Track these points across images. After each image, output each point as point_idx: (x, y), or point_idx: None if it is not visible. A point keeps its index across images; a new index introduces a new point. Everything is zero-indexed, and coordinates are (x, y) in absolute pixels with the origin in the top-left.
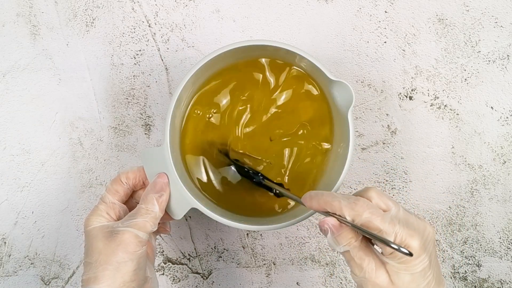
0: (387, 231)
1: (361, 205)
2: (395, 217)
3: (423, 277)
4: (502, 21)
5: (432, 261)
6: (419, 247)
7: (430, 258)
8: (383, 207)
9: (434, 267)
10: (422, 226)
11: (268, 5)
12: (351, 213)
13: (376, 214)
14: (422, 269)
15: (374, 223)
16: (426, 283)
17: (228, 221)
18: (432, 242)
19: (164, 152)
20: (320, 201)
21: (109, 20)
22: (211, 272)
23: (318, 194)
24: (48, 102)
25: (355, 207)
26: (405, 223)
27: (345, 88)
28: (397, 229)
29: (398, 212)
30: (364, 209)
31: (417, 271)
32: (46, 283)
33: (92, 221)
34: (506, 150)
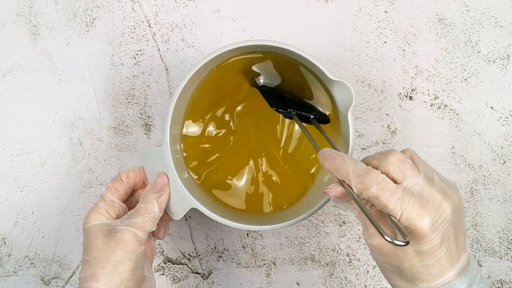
0: (394, 209)
1: (370, 178)
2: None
3: (431, 255)
4: (502, 21)
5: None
6: (428, 227)
7: (443, 236)
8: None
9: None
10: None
11: (268, 5)
12: (359, 186)
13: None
14: (430, 248)
15: (381, 200)
16: (434, 261)
17: (228, 221)
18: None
19: (164, 152)
20: (331, 165)
21: (109, 20)
22: (211, 272)
23: (332, 157)
24: (48, 102)
25: (364, 179)
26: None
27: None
28: (405, 206)
29: (415, 184)
30: (373, 183)
31: (424, 249)
32: (46, 283)
33: (91, 218)
34: (506, 150)
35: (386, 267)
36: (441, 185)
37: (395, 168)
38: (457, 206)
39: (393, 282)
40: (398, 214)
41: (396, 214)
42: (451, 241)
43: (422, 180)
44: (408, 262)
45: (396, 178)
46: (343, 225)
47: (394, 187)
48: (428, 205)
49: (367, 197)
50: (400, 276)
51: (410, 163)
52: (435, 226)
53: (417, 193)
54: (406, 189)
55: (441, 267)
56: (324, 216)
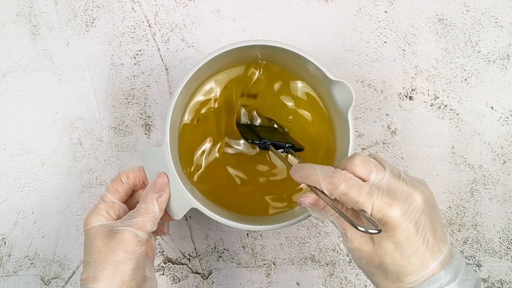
0: (364, 203)
1: (338, 177)
2: (376, 186)
3: (409, 244)
4: (502, 21)
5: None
6: (399, 215)
7: (418, 225)
8: (366, 175)
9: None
10: (407, 193)
11: (268, 5)
12: (328, 187)
13: (353, 185)
14: (406, 236)
15: (350, 196)
16: (412, 251)
17: (228, 221)
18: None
19: (164, 152)
20: (301, 174)
21: (109, 20)
22: (211, 272)
23: (301, 167)
24: (48, 102)
25: (332, 179)
26: (387, 191)
27: (345, 88)
28: (374, 200)
29: (381, 180)
30: (341, 181)
31: (400, 239)
32: (46, 283)
33: (91, 220)
34: (506, 150)
35: (370, 271)
36: (409, 180)
37: (360, 168)
38: (428, 198)
39: (380, 286)
40: (369, 208)
41: (367, 208)
42: (427, 230)
43: (388, 175)
44: (389, 257)
45: (363, 177)
46: None
47: (362, 183)
48: (397, 196)
49: (337, 196)
50: (386, 276)
51: (374, 161)
52: (406, 215)
53: (384, 186)
54: (374, 184)
55: (421, 257)
56: None
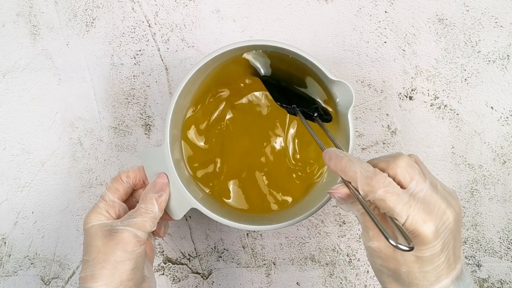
0: (400, 213)
1: (378, 180)
2: (414, 196)
3: (430, 261)
4: (502, 21)
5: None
6: (431, 233)
7: (444, 244)
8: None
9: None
10: (443, 209)
11: (268, 5)
12: (365, 188)
13: (392, 192)
14: (430, 254)
15: (387, 203)
16: (432, 267)
17: (228, 221)
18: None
19: (164, 152)
20: (337, 165)
21: (109, 20)
22: (211, 272)
23: (339, 157)
24: (48, 102)
25: (371, 182)
26: (424, 205)
27: (345, 88)
28: (411, 211)
29: (421, 190)
30: (380, 185)
31: (424, 255)
32: (46, 283)
33: (91, 219)
34: (506, 150)
35: (382, 271)
36: (444, 194)
37: (403, 172)
38: (458, 214)
39: (387, 285)
40: (403, 218)
41: (401, 218)
42: (450, 249)
43: (428, 186)
44: (406, 267)
45: (403, 182)
46: (343, 225)
47: (401, 191)
48: (433, 212)
49: (373, 199)
50: (396, 280)
51: (418, 168)
52: (438, 233)
53: (423, 199)
54: (413, 194)
55: (438, 274)
56: (324, 216)
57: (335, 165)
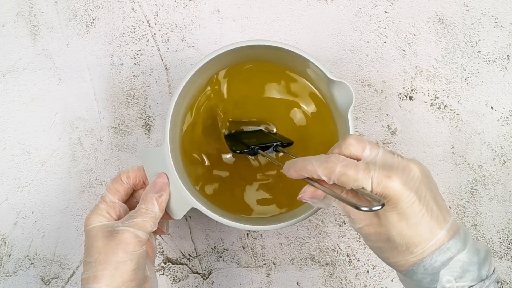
0: (363, 179)
1: (333, 160)
2: (371, 161)
3: (413, 214)
4: (502, 21)
5: (423, 197)
6: (400, 185)
7: (419, 194)
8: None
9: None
10: (403, 164)
11: (268, 5)
12: (325, 172)
13: (349, 165)
14: (409, 206)
15: (348, 175)
16: (417, 220)
17: (228, 221)
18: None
19: (164, 152)
20: (296, 169)
21: (109, 20)
22: (211, 272)
23: (293, 162)
24: (48, 102)
25: (328, 164)
26: (383, 165)
27: (345, 88)
28: (372, 174)
29: (376, 155)
30: (336, 164)
31: (404, 209)
32: (46, 283)
33: (92, 220)
34: (506, 150)
35: (380, 246)
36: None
37: (355, 147)
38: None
39: (391, 260)
40: (368, 184)
41: (366, 184)
42: (430, 199)
43: (382, 150)
44: (395, 229)
45: (358, 156)
46: (343, 225)
47: (358, 162)
48: (394, 167)
49: (335, 179)
50: (395, 249)
51: (367, 140)
52: (406, 184)
53: (380, 161)
54: (369, 160)
55: (428, 226)
56: (324, 216)
57: (294, 169)
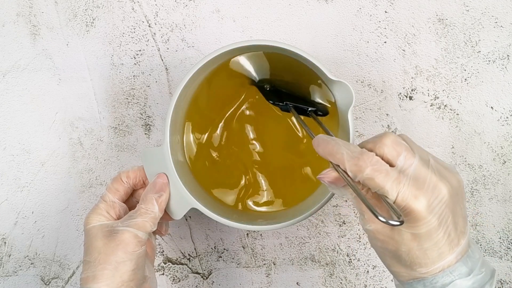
0: (389, 191)
1: (365, 159)
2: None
3: (428, 238)
4: (502, 21)
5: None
6: (424, 209)
7: (441, 218)
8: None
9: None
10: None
11: (268, 5)
12: (353, 169)
13: (380, 170)
14: (427, 230)
15: (376, 181)
16: (431, 244)
17: (228, 221)
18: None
19: (164, 152)
20: (325, 150)
21: (109, 20)
22: (211, 272)
23: (325, 141)
24: (48, 102)
25: (358, 161)
26: (414, 180)
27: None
28: (401, 188)
29: (410, 165)
30: (367, 164)
31: (420, 232)
32: (46, 283)
33: (92, 219)
34: (506, 150)
35: (384, 253)
36: (437, 167)
37: (390, 149)
38: (455, 188)
39: (392, 268)
40: (394, 196)
41: (392, 195)
42: (449, 224)
43: (417, 161)
44: (405, 246)
45: (391, 160)
46: (343, 225)
47: (390, 168)
48: (424, 186)
49: (362, 179)
50: (399, 262)
51: (405, 144)
52: (431, 208)
53: (412, 174)
54: (401, 171)
55: (439, 250)
56: (324, 216)
57: (323, 150)
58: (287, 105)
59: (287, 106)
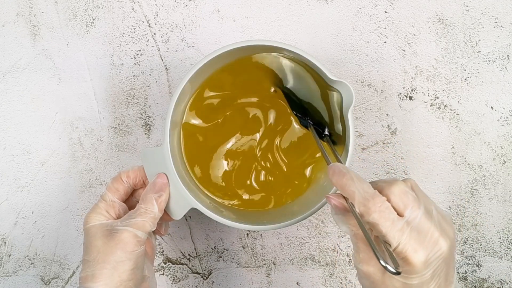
0: (391, 240)
1: (375, 203)
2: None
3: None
4: (502, 21)
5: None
6: (421, 264)
7: (434, 272)
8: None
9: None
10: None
11: (268, 5)
12: (362, 209)
13: (386, 218)
14: (419, 282)
15: (380, 228)
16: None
17: (228, 221)
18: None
19: (164, 152)
20: (338, 181)
21: (109, 20)
22: (211, 272)
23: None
24: (48, 102)
25: (368, 203)
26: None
27: (346, 88)
28: (403, 239)
29: (415, 218)
30: (376, 209)
31: (412, 283)
32: (46, 283)
33: (91, 219)
34: (506, 150)
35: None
36: (439, 219)
37: (397, 199)
38: (452, 241)
39: None
40: (394, 245)
41: (393, 244)
42: (442, 277)
43: (422, 214)
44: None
45: (397, 209)
46: None
47: (396, 217)
48: (425, 241)
49: (367, 220)
50: None
51: (413, 195)
52: (428, 263)
53: (416, 226)
54: (407, 222)
55: None
56: (324, 216)
57: (336, 180)
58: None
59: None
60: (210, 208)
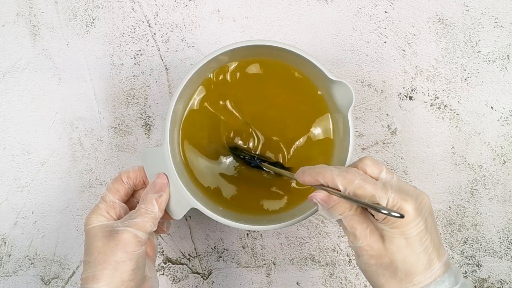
0: (380, 196)
1: (353, 173)
2: (388, 183)
3: (419, 241)
4: (502, 21)
5: (429, 227)
6: (413, 210)
7: (426, 224)
8: (377, 175)
9: (431, 233)
10: (416, 193)
11: (268, 5)
12: (343, 182)
13: (368, 180)
14: (418, 233)
15: (366, 189)
16: (423, 248)
17: (228, 221)
18: (428, 209)
19: (164, 152)
20: (312, 174)
21: (109, 20)
22: (211, 272)
23: (311, 168)
24: (48, 102)
25: (347, 175)
26: (399, 189)
27: (345, 88)
28: (389, 194)
29: (392, 179)
30: (356, 176)
31: (412, 235)
32: (46, 283)
33: (92, 220)
34: (506, 150)
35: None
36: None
37: (371, 168)
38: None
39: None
40: (385, 200)
41: (382, 201)
42: (433, 231)
43: (396, 177)
44: (400, 254)
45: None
46: None
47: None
48: (409, 194)
49: (352, 190)
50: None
51: (383, 164)
52: (419, 210)
53: (395, 185)
54: (385, 182)
55: (429, 256)
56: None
57: (310, 175)
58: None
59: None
60: (210, 208)
